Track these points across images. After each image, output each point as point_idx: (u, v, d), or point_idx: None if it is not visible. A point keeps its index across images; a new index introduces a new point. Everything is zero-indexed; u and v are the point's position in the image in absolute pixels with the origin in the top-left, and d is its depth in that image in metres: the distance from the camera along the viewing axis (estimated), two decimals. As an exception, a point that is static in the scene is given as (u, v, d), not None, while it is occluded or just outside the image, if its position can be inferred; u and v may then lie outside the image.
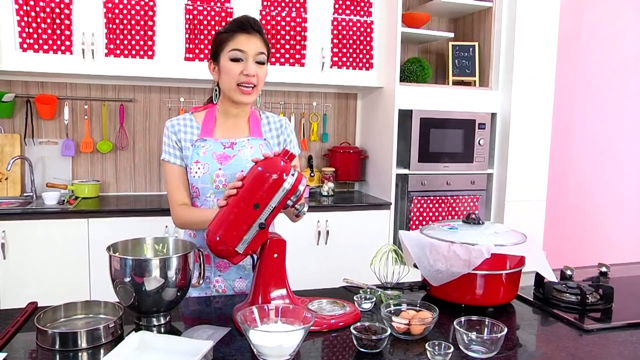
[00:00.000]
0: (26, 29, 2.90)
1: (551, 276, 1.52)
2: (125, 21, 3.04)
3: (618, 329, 1.38)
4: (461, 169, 3.60)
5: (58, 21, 2.94)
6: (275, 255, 1.34)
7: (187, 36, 3.15)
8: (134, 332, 1.22)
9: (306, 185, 1.35)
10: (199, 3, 3.15)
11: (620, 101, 4.38)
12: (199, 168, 1.61)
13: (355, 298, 1.49)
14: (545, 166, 3.67)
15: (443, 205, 3.54)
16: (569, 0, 4.03)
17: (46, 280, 2.84)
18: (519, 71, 3.52)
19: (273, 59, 3.23)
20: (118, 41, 3.05)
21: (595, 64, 4.28)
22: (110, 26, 3.02)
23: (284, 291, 1.35)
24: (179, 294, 1.33)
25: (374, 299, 1.49)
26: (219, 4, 3.18)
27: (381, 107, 3.60)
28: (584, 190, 4.37)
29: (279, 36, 3.29)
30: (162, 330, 1.33)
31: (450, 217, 3.57)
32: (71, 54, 2.99)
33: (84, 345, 1.19)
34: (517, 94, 3.54)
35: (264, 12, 3.26)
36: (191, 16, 3.14)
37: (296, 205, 1.36)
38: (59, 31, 2.95)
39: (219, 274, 1.68)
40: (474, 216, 1.63)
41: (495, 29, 3.61)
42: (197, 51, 3.17)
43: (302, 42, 3.35)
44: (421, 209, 3.49)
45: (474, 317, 1.27)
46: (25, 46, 2.91)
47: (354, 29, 3.45)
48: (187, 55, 3.16)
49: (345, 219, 3.32)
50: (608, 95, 4.34)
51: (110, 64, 3.06)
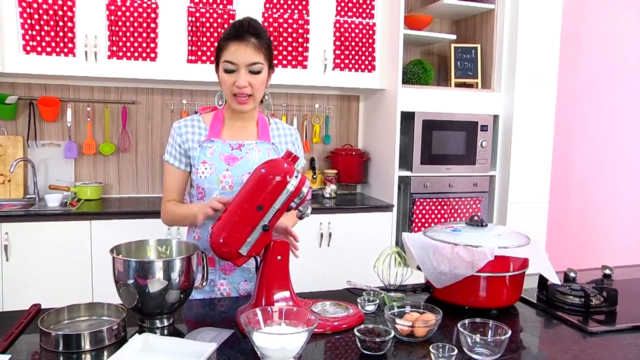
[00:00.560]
0: (29, 32, 2.91)
1: (555, 278, 1.52)
2: (127, 23, 3.05)
3: (623, 331, 1.38)
4: (463, 171, 3.59)
5: (61, 23, 2.95)
6: (279, 257, 1.33)
7: (190, 38, 3.15)
8: (137, 334, 1.22)
9: (309, 188, 1.35)
10: (201, 5, 3.15)
11: (622, 102, 4.37)
12: (206, 168, 1.62)
13: (358, 300, 1.48)
14: (548, 168, 3.67)
15: (445, 207, 3.53)
16: (571, 1, 4.03)
17: (49, 282, 2.84)
18: (521, 73, 3.52)
19: (275, 61, 3.24)
20: (121, 43, 3.05)
21: (597, 65, 4.28)
22: (113, 28, 3.03)
23: (287, 293, 1.34)
24: (182, 296, 1.33)
25: (377, 301, 1.49)
26: (221, 6, 3.19)
27: (383, 109, 3.60)
28: (586, 192, 4.36)
29: (281, 38, 3.30)
30: (166, 332, 1.33)
31: (452, 219, 3.56)
32: (74, 56, 3.00)
33: (88, 347, 1.19)
34: (519, 96, 3.53)
35: (266, 15, 3.26)
36: (194, 18, 3.14)
37: (299, 208, 1.36)
38: (62, 33, 2.96)
39: (223, 277, 1.68)
40: (477, 218, 1.63)
41: (497, 31, 3.61)
42: (199, 53, 3.17)
43: (304, 44, 3.35)
44: (423, 211, 3.48)
45: (477, 320, 1.27)
46: (28, 48, 2.92)
47: (356, 31, 3.46)
48: (190, 58, 3.17)
49: (347, 221, 3.31)
50: (610, 97, 4.34)
51: (112, 66, 3.06)
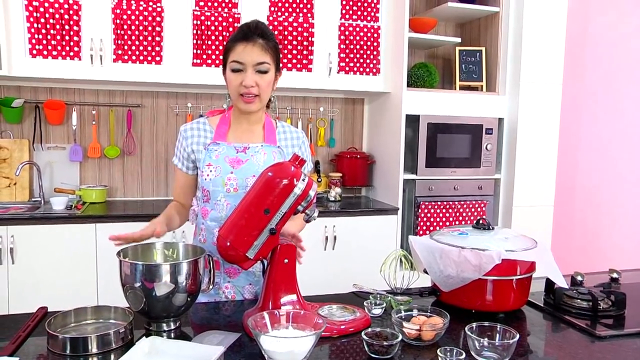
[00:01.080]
0: (36, 35, 2.92)
1: (562, 282, 1.52)
2: (133, 27, 3.05)
3: (631, 336, 1.37)
4: (468, 174, 3.59)
5: (67, 27, 2.96)
6: (286, 260, 1.33)
7: (195, 42, 3.16)
8: (144, 337, 1.22)
9: (316, 191, 1.35)
10: (206, 9, 3.16)
11: (628, 105, 4.35)
12: (211, 171, 1.62)
13: (365, 304, 1.48)
14: (553, 171, 3.66)
15: (450, 210, 3.53)
16: (576, 4, 4.03)
17: (54, 285, 2.85)
18: (526, 76, 3.52)
19: (281, 64, 3.24)
20: (126, 47, 3.06)
21: (602, 68, 4.26)
22: (119, 32, 3.04)
23: (294, 297, 1.34)
24: (189, 299, 1.33)
25: (384, 304, 1.49)
26: (226, 10, 3.19)
27: (388, 112, 3.60)
28: (591, 195, 4.34)
29: (286, 41, 3.30)
30: (172, 335, 1.32)
31: (457, 222, 3.56)
32: (80, 59, 3.01)
33: (95, 350, 1.19)
34: (524, 99, 3.53)
35: (271, 18, 3.27)
36: (199, 22, 3.15)
37: (306, 211, 1.36)
38: (67, 37, 2.97)
39: (228, 280, 1.67)
40: (484, 221, 1.63)
41: (502, 34, 3.61)
42: (204, 57, 3.18)
43: (309, 48, 3.36)
44: (428, 214, 3.48)
45: (485, 323, 1.26)
46: (34, 52, 2.93)
47: (361, 34, 3.46)
48: (195, 61, 3.17)
49: (352, 225, 3.31)
50: (615, 100, 4.33)
51: (118, 69, 3.07)
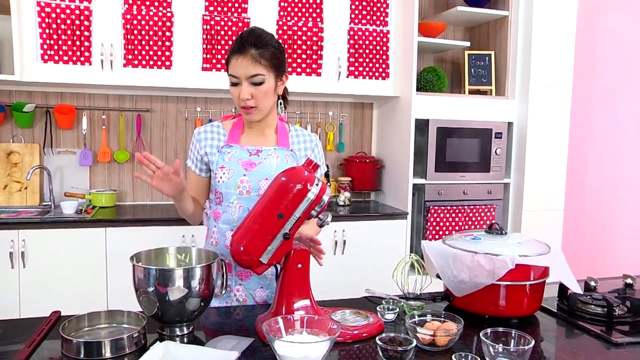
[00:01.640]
0: (48, 41, 2.94)
1: (576, 287, 1.50)
2: (143, 32, 3.07)
3: (649, 343, 1.35)
4: (478, 178, 3.58)
5: (78, 33, 2.98)
6: (300, 265, 1.33)
7: (205, 46, 3.17)
8: (158, 342, 1.22)
9: (329, 196, 1.35)
10: (216, 14, 3.17)
11: (638, 109, 4.34)
12: (224, 173, 1.63)
13: (377, 309, 1.48)
14: (563, 175, 3.64)
15: (460, 215, 3.51)
16: (586, 7, 4.01)
17: (64, 289, 2.85)
18: (535, 80, 3.51)
19: (290, 69, 3.25)
20: (136, 52, 3.08)
21: (612, 71, 4.25)
22: (129, 37, 3.06)
23: (307, 302, 1.34)
24: (202, 304, 1.33)
25: (397, 309, 1.48)
26: (236, 15, 3.21)
27: (397, 117, 3.59)
28: (602, 199, 4.32)
29: (295, 46, 3.31)
30: (185, 340, 1.32)
31: (466, 226, 3.54)
32: (90, 64, 3.02)
33: (108, 354, 1.20)
34: (533, 103, 3.52)
35: (280, 22, 3.28)
36: (208, 26, 3.16)
37: (320, 216, 1.36)
38: (78, 42, 2.99)
39: (239, 282, 1.68)
40: (496, 226, 1.62)
41: (511, 38, 3.60)
42: (214, 61, 3.19)
43: (318, 52, 3.36)
44: (438, 219, 3.47)
45: (500, 329, 1.25)
46: (46, 57, 2.95)
47: (370, 38, 3.46)
48: (205, 66, 3.18)
49: (361, 229, 3.30)
50: (625, 104, 4.31)
51: (128, 74, 3.09)
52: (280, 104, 1.73)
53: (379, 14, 3.48)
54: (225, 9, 3.19)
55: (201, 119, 3.58)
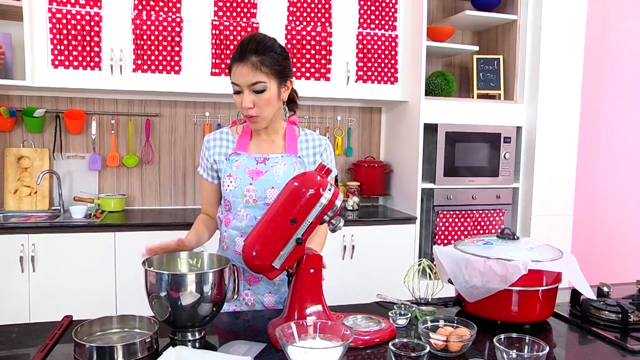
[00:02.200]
0: (58, 46, 2.96)
1: (590, 293, 1.49)
2: (152, 37, 3.09)
3: (665, 349, 1.34)
4: (487, 183, 3.56)
5: (88, 38, 3.00)
6: (312, 270, 1.33)
7: (214, 51, 3.18)
8: (170, 346, 1.22)
9: (342, 200, 1.34)
10: (225, 19, 3.19)
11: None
12: (231, 182, 1.62)
13: (389, 314, 1.47)
14: (572, 180, 3.62)
15: (469, 219, 3.50)
16: (596, 11, 4.00)
17: (73, 293, 2.86)
18: (544, 84, 3.49)
19: (299, 73, 3.25)
20: (146, 57, 3.09)
21: (622, 75, 4.22)
22: (138, 42, 3.07)
23: (319, 307, 1.33)
24: (214, 309, 1.33)
25: (409, 315, 1.48)
26: (245, 20, 3.22)
27: (406, 121, 3.59)
28: (611, 204, 4.29)
29: (304, 51, 3.31)
30: (197, 345, 1.32)
31: (475, 231, 3.53)
32: (100, 69, 3.04)
33: (121, 359, 1.19)
34: (542, 107, 3.50)
35: (289, 27, 3.28)
36: (217, 31, 3.17)
37: (332, 220, 1.35)
38: (88, 48, 3.01)
39: (248, 287, 1.68)
40: (508, 231, 1.61)
41: (520, 42, 3.59)
42: (223, 66, 3.20)
43: (327, 57, 3.37)
44: (447, 224, 3.45)
45: (513, 335, 1.24)
46: (56, 63, 2.97)
47: (379, 43, 3.46)
48: (214, 70, 3.19)
49: (370, 234, 3.30)
50: (635, 108, 4.28)
51: (137, 79, 3.10)
52: (285, 109, 1.68)
53: (387, 18, 3.48)
54: (235, 14, 3.20)
55: (210, 123, 3.59)
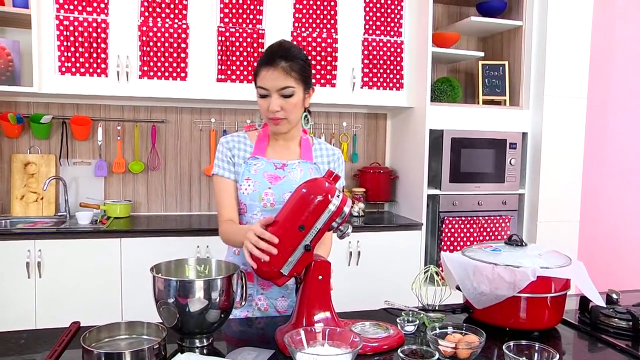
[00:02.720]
0: (65, 53, 2.98)
1: (599, 300, 1.48)
2: (159, 44, 3.10)
3: (676, 357, 1.33)
4: (492, 189, 3.55)
5: (95, 45, 3.02)
6: (320, 277, 1.32)
7: (220, 58, 3.20)
8: (179, 353, 1.22)
9: (350, 207, 1.34)
10: (231, 25, 3.20)
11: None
12: (249, 185, 1.63)
13: (398, 320, 1.46)
14: (578, 186, 3.61)
15: (475, 225, 3.49)
16: (601, 17, 3.99)
17: (80, 299, 2.87)
18: (550, 90, 3.49)
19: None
20: (152, 63, 3.10)
21: (627, 81, 4.21)
22: (145, 49, 3.09)
23: (328, 314, 1.33)
24: (222, 315, 1.32)
25: (417, 321, 1.47)
26: (250, 26, 3.23)
27: (411, 127, 3.59)
28: (618, 210, 4.27)
29: (310, 57, 3.31)
30: (205, 351, 1.32)
31: (481, 238, 3.52)
32: (106, 76, 3.05)
33: (129, 366, 1.19)
34: (548, 113, 3.50)
35: (295, 33, 3.29)
36: (223, 38, 3.19)
37: (340, 227, 1.35)
38: (95, 54, 3.02)
39: (261, 292, 1.68)
40: (516, 238, 1.61)
41: (525, 48, 3.59)
42: (229, 72, 3.21)
43: (333, 63, 3.37)
44: (452, 230, 3.45)
45: (522, 342, 1.24)
46: (63, 69, 2.98)
47: (384, 49, 3.47)
48: (219, 77, 3.20)
49: (376, 240, 3.29)
50: (641, 114, 4.27)
51: (143, 85, 3.11)
52: (306, 116, 1.72)
53: (393, 24, 3.49)
54: (240, 20, 3.21)
55: (215, 129, 3.59)
